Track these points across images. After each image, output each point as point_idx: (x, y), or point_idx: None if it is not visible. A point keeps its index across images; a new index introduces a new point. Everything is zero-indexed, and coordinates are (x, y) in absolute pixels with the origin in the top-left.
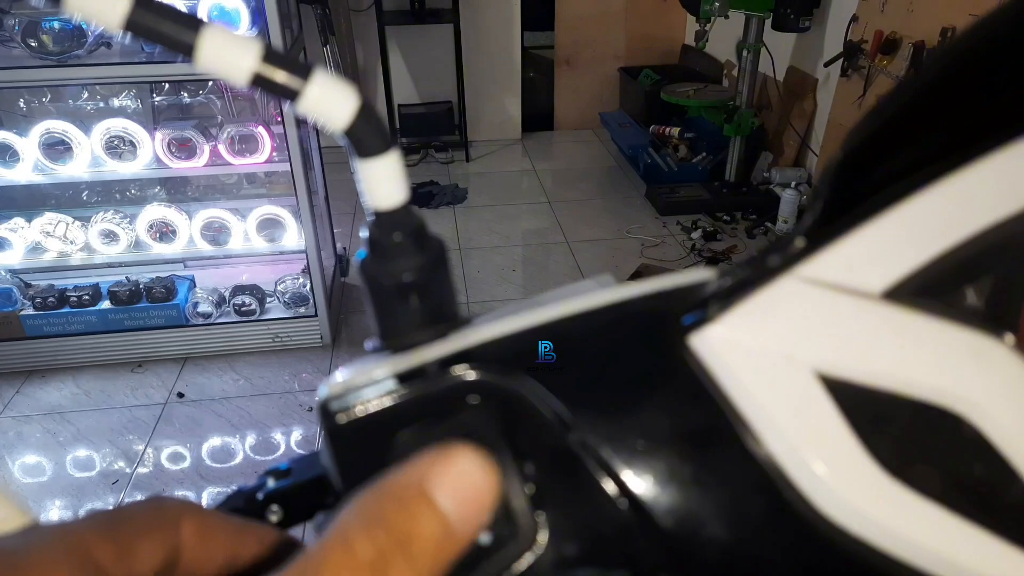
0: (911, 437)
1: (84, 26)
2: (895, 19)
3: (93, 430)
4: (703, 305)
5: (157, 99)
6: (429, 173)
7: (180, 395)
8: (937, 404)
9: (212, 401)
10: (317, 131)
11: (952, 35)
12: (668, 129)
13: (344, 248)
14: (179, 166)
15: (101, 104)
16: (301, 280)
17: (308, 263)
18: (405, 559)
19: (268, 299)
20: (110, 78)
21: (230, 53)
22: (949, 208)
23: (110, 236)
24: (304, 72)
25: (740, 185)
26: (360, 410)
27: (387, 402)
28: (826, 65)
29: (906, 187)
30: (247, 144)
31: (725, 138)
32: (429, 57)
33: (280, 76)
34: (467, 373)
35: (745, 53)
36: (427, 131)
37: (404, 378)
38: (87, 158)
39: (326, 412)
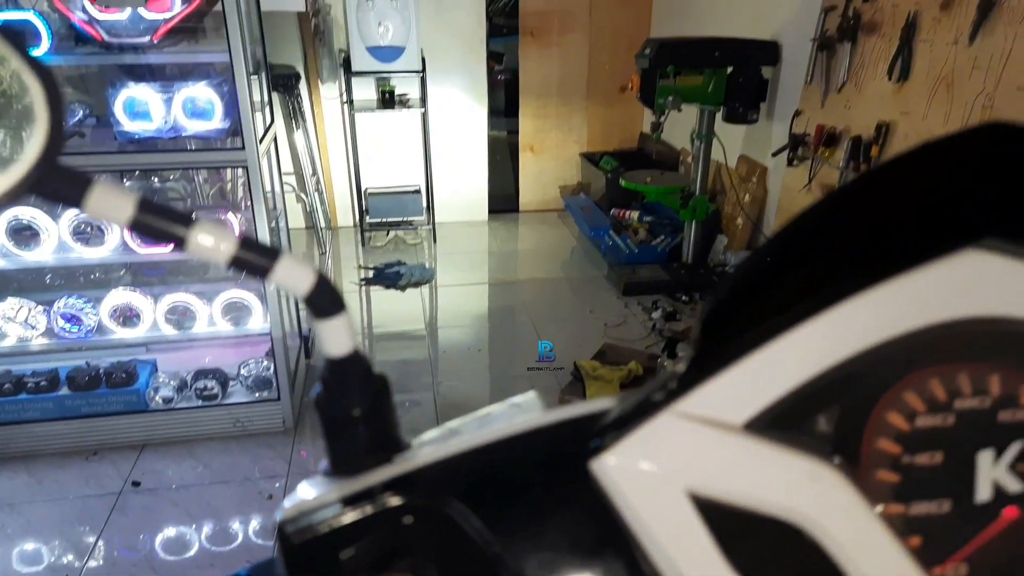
0: (766, 547)
1: None
2: (834, 114)
3: (44, 521)
4: (602, 434)
5: (127, 183)
6: (397, 254)
7: (136, 483)
8: (784, 519)
9: (169, 490)
10: (287, 215)
11: (885, 132)
12: (628, 212)
13: (309, 328)
14: (147, 251)
15: None
16: (265, 363)
17: (273, 346)
18: None
19: (231, 382)
20: (83, 167)
21: (214, 244)
22: (797, 353)
23: (73, 321)
24: (272, 255)
25: (697, 267)
26: (311, 532)
27: (334, 524)
28: (774, 155)
29: (759, 335)
30: None
31: (682, 221)
32: (398, 143)
33: (253, 259)
34: (400, 498)
35: (698, 143)
36: (396, 213)
37: (350, 501)
38: (54, 244)
39: (282, 533)
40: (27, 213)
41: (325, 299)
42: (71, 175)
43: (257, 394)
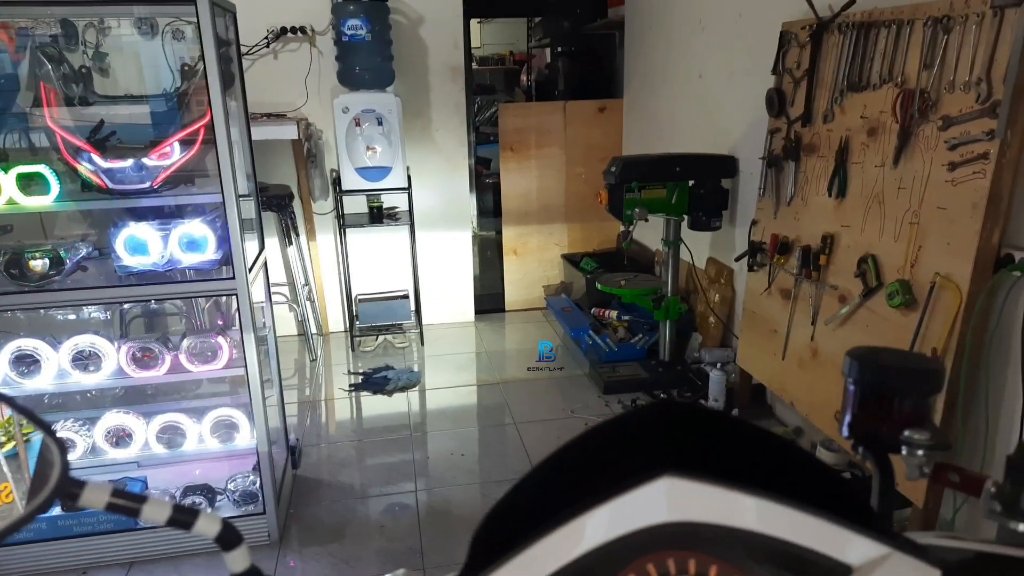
0: None
1: (64, 255)
2: (785, 225)
3: None
4: None
5: (126, 305)
6: (386, 358)
7: None
8: None
9: None
10: (275, 327)
11: (830, 243)
12: (607, 312)
13: (297, 439)
14: (141, 376)
15: (72, 316)
16: (251, 478)
17: (259, 461)
18: None
19: (219, 497)
20: (85, 300)
21: (158, 513)
22: (552, 550)
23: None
24: (194, 515)
25: (674, 364)
26: None
27: None
28: (736, 260)
29: (527, 540)
30: (207, 351)
31: (658, 320)
32: (387, 251)
33: (182, 518)
34: None
35: (666, 249)
36: (385, 318)
37: None
38: (54, 371)
39: None
40: (30, 345)
41: (229, 538)
42: (74, 484)
43: (243, 508)
